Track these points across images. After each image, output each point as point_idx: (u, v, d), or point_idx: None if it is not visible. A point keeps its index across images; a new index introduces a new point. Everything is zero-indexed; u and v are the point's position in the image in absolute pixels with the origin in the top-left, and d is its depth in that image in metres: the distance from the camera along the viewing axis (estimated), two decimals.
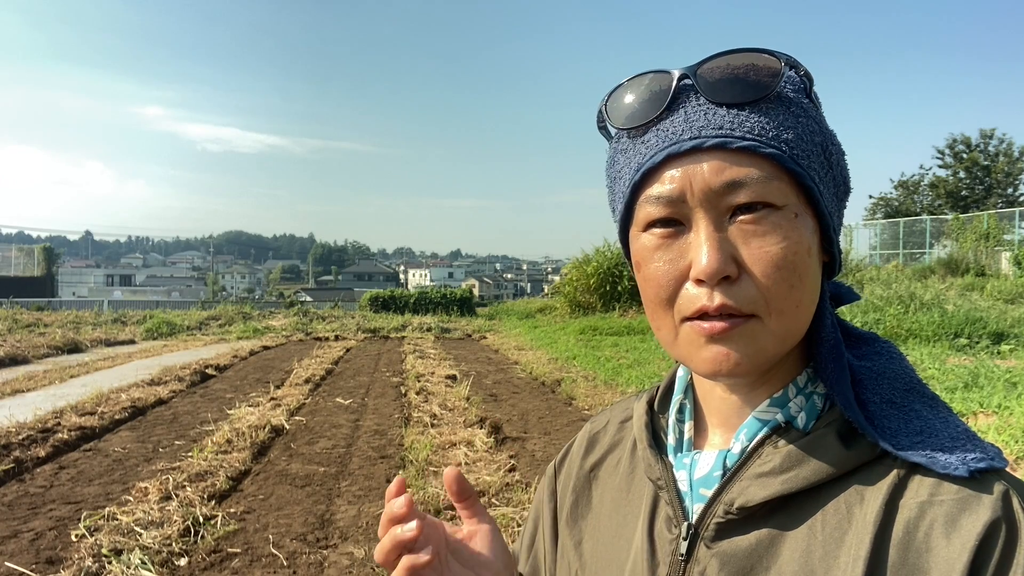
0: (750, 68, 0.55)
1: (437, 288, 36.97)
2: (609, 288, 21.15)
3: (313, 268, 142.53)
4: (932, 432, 0.56)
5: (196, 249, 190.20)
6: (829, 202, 0.58)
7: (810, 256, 0.56)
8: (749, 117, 0.55)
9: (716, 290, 0.54)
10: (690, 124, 0.55)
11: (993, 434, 5.45)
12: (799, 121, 0.56)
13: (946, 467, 0.53)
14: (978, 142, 31.66)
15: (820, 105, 0.60)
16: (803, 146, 0.55)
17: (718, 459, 0.62)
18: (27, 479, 5.48)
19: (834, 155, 0.59)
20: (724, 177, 0.54)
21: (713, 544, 0.59)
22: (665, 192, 0.56)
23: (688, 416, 0.68)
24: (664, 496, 0.65)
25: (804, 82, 0.58)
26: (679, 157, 0.55)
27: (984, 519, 0.50)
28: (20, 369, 12.05)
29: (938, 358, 9.13)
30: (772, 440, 0.60)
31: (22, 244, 55.72)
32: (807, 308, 0.57)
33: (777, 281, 0.54)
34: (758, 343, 0.55)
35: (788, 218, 0.54)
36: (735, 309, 0.54)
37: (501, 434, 6.82)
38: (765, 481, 0.58)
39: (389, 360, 13.59)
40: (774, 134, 0.54)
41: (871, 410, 0.58)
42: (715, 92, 0.56)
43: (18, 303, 26.97)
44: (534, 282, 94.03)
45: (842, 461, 0.56)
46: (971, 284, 16.45)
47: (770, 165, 0.54)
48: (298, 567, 3.85)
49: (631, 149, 0.59)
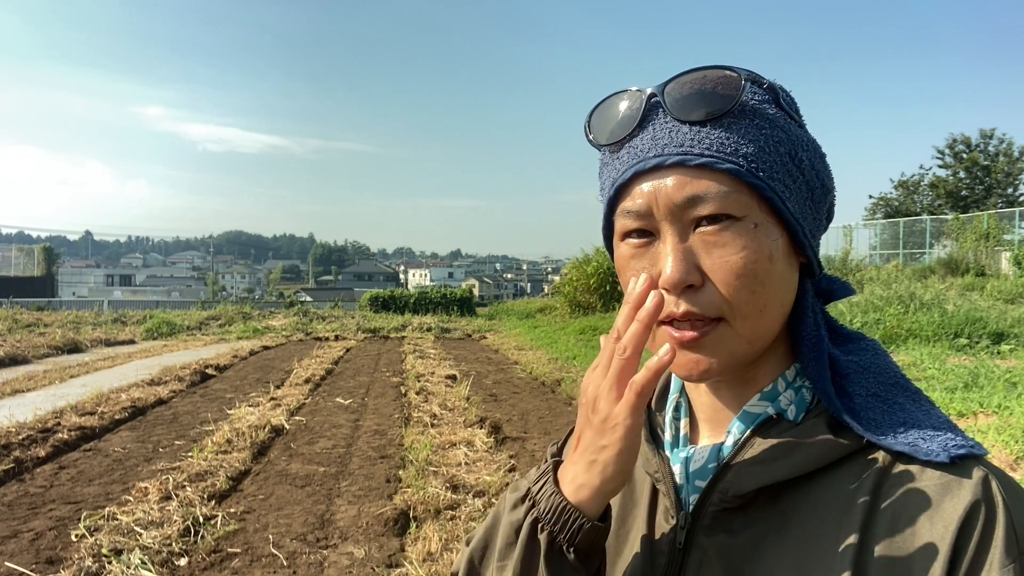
0: (712, 85, 0.58)
1: (437, 288, 36.97)
2: (609, 288, 21.14)
3: (313, 268, 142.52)
4: (915, 423, 0.59)
5: (196, 249, 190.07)
6: (797, 208, 0.60)
7: (772, 263, 0.58)
8: (710, 133, 0.58)
9: (681, 298, 0.58)
10: (656, 142, 0.59)
11: (993, 434, 5.44)
12: (762, 133, 0.58)
13: (928, 454, 0.56)
14: (978, 142, 31.65)
15: (796, 112, 0.62)
16: (764, 157, 0.58)
17: (712, 452, 0.65)
18: (27, 479, 5.48)
19: (806, 161, 0.61)
20: (685, 192, 0.57)
21: (711, 533, 0.62)
22: (635, 207, 0.60)
23: (684, 413, 0.70)
24: (662, 488, 0.67)
25: (769, 94, 0.61)
26: (645, 174, 0.59)
27: (965, 502, 0.53)
28: (20, 369, 12.04)
29: (938, 358, 9.13)
30: (764, 431, 0.63)
31: (22, 244, 55.68)
32: (773, 311, 0.60)
33: (738, 288, 0.57)
34: (727, 347, 0.59)
35: (747, 228, 0.57)
36: (700, 315, 0.58)
37: (501, 434, 6.82)
38: (759, 469, 0.60)
39: (389, 360, 13.60)
40: (732, 149, 0.57)
41: (856, 402, 0.61)
42: (679, 110, 0.59)
43: (18, 303, 26.96)
44: (534, 282, 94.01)
45: (832, 450, 0.59)
46: (971, 284, 16.44)
47: (729, 179, 0.57)
48: (298, 567, 3.85)
49: (610, 164, 0.64)
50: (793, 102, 0.62)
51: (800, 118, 0.63)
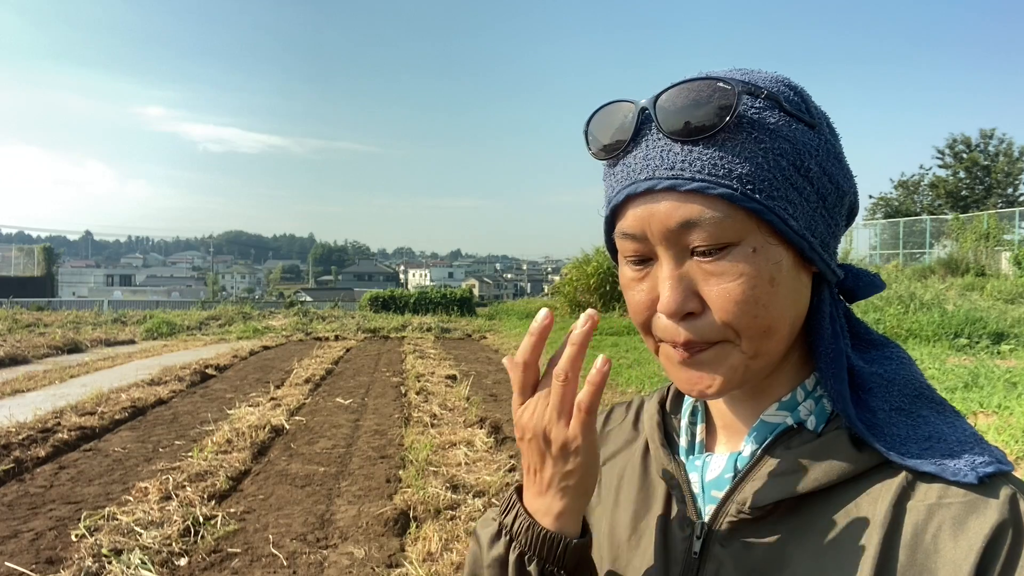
0: (704, 99, 0.55)
1: (437, 288, 36.94)
2: (609, 288, 21.14)
3: (313, 268, 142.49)
4: (940, 438, 0.57)
5: (196, 249, 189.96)
6: (804, 222, 0.56)
7: (773, 285, 0.56)
8: (702, 154, 0.54)
9: (681, 325, 0.57)
10: (647, 162, 0.57)
11: (993, 434, 5.45)
12: (760, 147, 0.54)
13: (955, 474, 0.54)
14: (978, 142, 31.66)
15: (805, 111, 0.57)
16: (763, 175, 0.54)
17: (729, 461, 0.63)
18: (27, 479, 5.47)
19: (814, 168, 0.56)
20: (677, 218, 0.55)
21: (726, 543, 0.61)
22: (629, 231, 0.58)
23: (700, 419, 0.69)
24: (677, 496, 0.66)
25: (769, 102, 0.56)
26: (637, 197, 0.57)
27: (991, 521, 0.51)
28: (20, 369, 12.03)
29: (938, 358, 9.13)
30: (783, 442, 0.61)
31: (22, 244, 55.62)
32: (779, 330, 0.58)
33: (738, 315, 0.55)
34: (730, 364, 0.57)
35: (746, 254, 0.55)
36: (700, 344, 0.57)
37: (501, 434, 6.81)
38: (777, 482, 0.59)
39: (389, 360, 13.59)
40: (726, 171, 0.54)
41: (880, 418, 0.59)
42: (670, 126, 0.56)
43: (18, 303, 26.92)
44: (534, 282, 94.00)
45: (854, 464, 0.57)
46: (971, 284, 16.45)
47: (723, 204, 0.54)
48: (298, 567, 3.85)
49: (609, 177, 0.61)
50: (801, 101, 0.58)
51: (811, 116, 0.58)
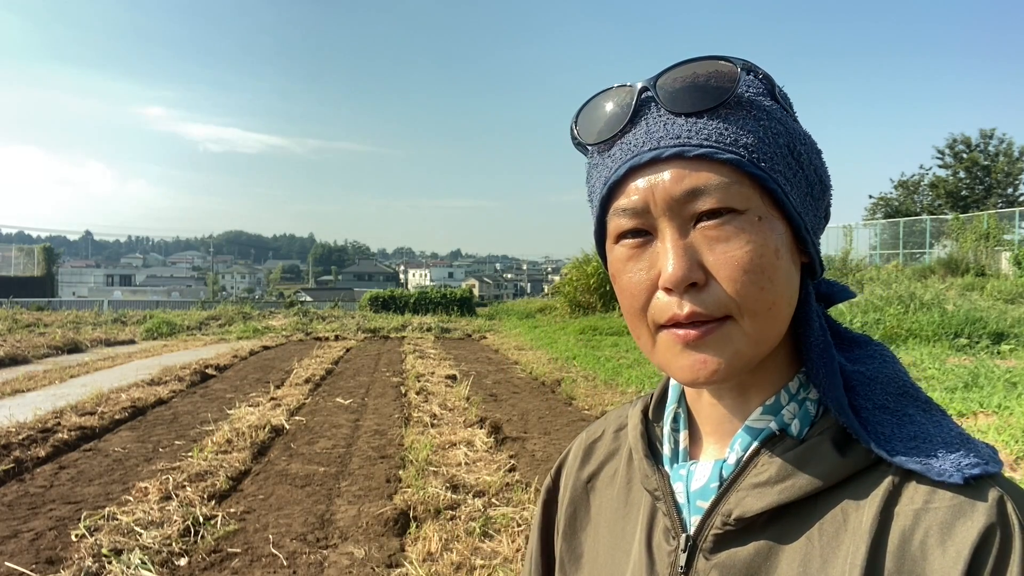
0: (706, 76, 0.56)
1: (437, 288, 36.96)
2: (609, 288, 21.14)
3: (313, 268, 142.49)
4: (926, 437, 0.56)
5: (196, 249, 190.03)
6: (799, 202, 0.57)
7: (778, 258, 0.55)
8: (707, 124, 0.55)
9: (684, 298, 0.55)
10: (650, 135, 0.56)
11: (993, 434, 5.45)
12: (760, 124, 0.56)
13: (941, 474, 0.53)
14: (978, 142, 31.68)
15: (790, 105, 0.60)
16: (765, 149, 0.55)
17: (714, 470, 0.62)
18: (27, 479, 5.47)
19: (804, 155, 0.58)
20: (684, 185, 0.54)
21: (712, 555, 0.59)
22: (630, 204, 0.57)
23: (682, 425, 0.68)
24: (661, 507, 0.64)
25: (765, 84, 0.58)
26: (640, 169, 0.56)
27: (979, 526, 0.50)
28: (20, 369, 12.04)
29: (938, 358, 9.13)
30: (767, 449, 0.60)
31: (22, 244, 55.63)
32: (781, 310, 0.57)
33: (745, 284, 0.54)
34: (733, 347, 0.55)
35: (751, 221, 0.54)
36: (705, 315, 0.55)
37: (501, 434, 6.82)
38: (762, 491, 0.58)
39: (389, 360, 13.60)
40: (732, 139, 0.54)
41: (864, 416, 0.58)
42: (674, 102, 0.56)
43: (18, 303, 26.96)
44: (534, 282, 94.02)
45: (837, 469, 0.56)
46: (971, 284, 16.46)
47: (729, 170, 0.54)
48: (298, 567, 3.85)
49: (601, 164, 0.60)
50: (786, 96, 0.60)
51: (794, 112, 0.60)
